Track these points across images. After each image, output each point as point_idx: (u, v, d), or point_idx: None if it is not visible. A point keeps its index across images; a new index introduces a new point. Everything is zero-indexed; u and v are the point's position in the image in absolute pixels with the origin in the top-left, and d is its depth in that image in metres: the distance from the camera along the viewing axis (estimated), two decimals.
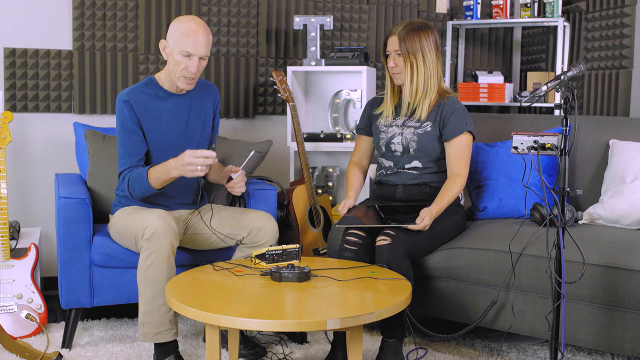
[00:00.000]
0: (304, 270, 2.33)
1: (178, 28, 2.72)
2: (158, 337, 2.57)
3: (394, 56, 2.82)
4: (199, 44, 2.70)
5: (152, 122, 2.80)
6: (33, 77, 3.66)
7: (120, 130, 2.78)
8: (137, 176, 2.71)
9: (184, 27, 2.70)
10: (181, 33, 2.70)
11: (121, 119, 2.77)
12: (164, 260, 2.54)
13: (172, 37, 2.73)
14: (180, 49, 2.69)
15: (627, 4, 3.95)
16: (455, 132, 2.81)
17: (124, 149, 2.78)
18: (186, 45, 2.69)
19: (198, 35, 2.70)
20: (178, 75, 2.75)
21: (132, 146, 2.77)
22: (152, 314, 2.55)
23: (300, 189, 3.61)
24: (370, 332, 3.08)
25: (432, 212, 2.66)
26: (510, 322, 2.68)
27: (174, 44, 2.72)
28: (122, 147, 2.78)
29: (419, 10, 4.52)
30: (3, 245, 2.95)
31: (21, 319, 2.94)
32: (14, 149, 3.60)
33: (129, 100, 2.76)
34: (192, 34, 2.69)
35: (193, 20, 2.74)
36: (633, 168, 2.87)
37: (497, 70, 4.76)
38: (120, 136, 2.78)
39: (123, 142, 2.78)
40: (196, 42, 2.69)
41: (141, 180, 2.69)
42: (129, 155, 2.77)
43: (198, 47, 2.70)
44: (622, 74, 3.95)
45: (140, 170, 2.71)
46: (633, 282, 2.42)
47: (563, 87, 2.25)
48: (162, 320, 2.56)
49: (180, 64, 2.72)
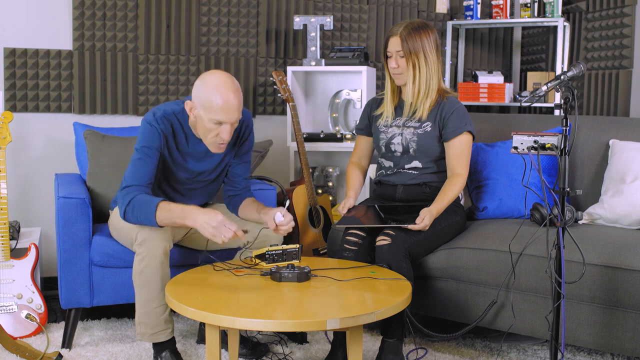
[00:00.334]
0: (304, 270, 2.33)
1: (207, 95, 2.46)
2: (154, 337, 2.58)
3: (396, 57, 2.81)
4: (232, 112, 2.47)
5: (173, 156, 2.63)
6: (33, 77, 3.66)
7: (140, 148, 2.56)
8: (144, 204, 2.46)
9: (214, 95, 2.45)
10: (211, 101, 2.45)
11: (145, 141, 2.55)
12: (157, 264, 2.51)
13: (200, 103, 2.49)
14: (211, 117, 2.47)
15: (627, 4, 3.95)
16: (455, 132, 2.81)
17: (136, 167, 2.56)
18: (217, 114, 2.46)
19: (230, 104, 2.46)
20: (209, 142, 2.55)
21: (146, 169, 2.56)
22: (147, 316, 2.56)
23: (300, 189, 3.61)
24: (370, 332, 3.08)
25: (432, 212, 2.66)
26: (510, 322, 2.68)
27: (203, 111, 2.48)
28: (135, 165, 2.56)
29: (419, 10, 4.52)
30: (3, 245, 2.95)
31: (21, 319, 2.94)
32: (14, 149, 3.60)
33: (162, 131, 2.56)
34: (223, 102, 2.45)
35: (223, 83, 2.47)
36: (633, 168, 2.87)
37: (497, 70, 4.76)
38: (138, 154, 2.56)
39: (139, 159, 2.56)
40: (229, 110, 2.46)
41: (147, 212, 2.45)
42: (139, 174, 2.55)
43: (231, 115, 2.47)
44: (622, 74, 3.95)
45: (149, 200, 2.47)
46: (633, 282, 2.42)
47: (563, 87, 2.25)
48: (157, 322, 2.56)
49: (211, 130, 2.51)
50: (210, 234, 2.37)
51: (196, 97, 2.51)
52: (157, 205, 2.44)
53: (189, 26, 3.96)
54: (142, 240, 2.51)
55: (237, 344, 2.54)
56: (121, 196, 2.54)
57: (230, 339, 2.52)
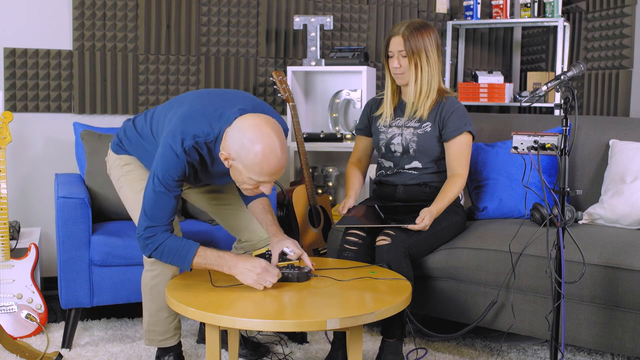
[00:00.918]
0: (304, 270, 2.33)
1: (251, 157, 2.15)
2: (163, 343, 2.58)
3: (398, 56, 2.81)
4: (278, 173, 2.21)
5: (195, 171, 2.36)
6: (33, 77, 3.66)
7: (164, 181, 2.25)
8: (179, 252, 2.28)
9: (260, 159, 2.14)
10: (255, 164, 2.16)
11: (170, 173, 2.24)
12: (170, 278, 2.48)
13: (239, 160, 2.17)
14: (252, 177, 2.19)
15: (627, 4, 3.95)
16: (455, 132, 2.81)
17: (159, 204, 2.28)
18: (261, 177, 2.18)
19: (277, 167, 2.18)
20: (244, 188, 2.29)
21: (170, 206, 2.30)
22: (157, 324, 2.56)
23: (300, 189, 3.61)
24: (370, 332, 3.08)
25: (432, 212, 2.66)
26: (510, 322, 2.68)
27: (243, 167, 2.18)
28: (159, 199, 2.27)
29: (419, 10, 4.52)
30: (3, 245, 2.95)
31: (21, 319, 2.94)
32: (14, 149, 3.60)
33: (189, 163, 2.26)
34: (270, 167, 2.17)
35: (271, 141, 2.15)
36: (633, 168, 2.87)
37: (497, 70, 4.76)
38: (161, 187, 2.26)
39: (162, 193, 2.27)
40: (273, 173, 2.19)
41: (181, 259, 2.28)
42: (164, 212, 2.29)
43: (276, 176, 2.21)
44: (622, 74, 3.95)
45: (184, 248, 2.28)
46: (633, 282, 2.42)
47: (563, 87, 2.25)
48: (167, 329, 2.56)
49: (247, 184, 2.24)
50: (252, 282, 2.22)
51: (235, 151, 2.17)
52: (194, 255, 2.28)
53: (189, 26, 3.96)
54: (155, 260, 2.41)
55: (237, 344, 2.54)
56: (145, 236, 2.29)
57: (230, 339, 2.52)
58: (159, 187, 2.27)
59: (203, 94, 2.47)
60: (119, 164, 2.62)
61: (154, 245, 2.28)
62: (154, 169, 2.29)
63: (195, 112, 2.31)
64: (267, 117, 2.23)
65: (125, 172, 2.60)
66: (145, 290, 2.54)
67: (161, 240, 2.28)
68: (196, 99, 2.42)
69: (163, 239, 2.29)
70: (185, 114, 2.31)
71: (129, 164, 2.61)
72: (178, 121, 2.29)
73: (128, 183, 2.58)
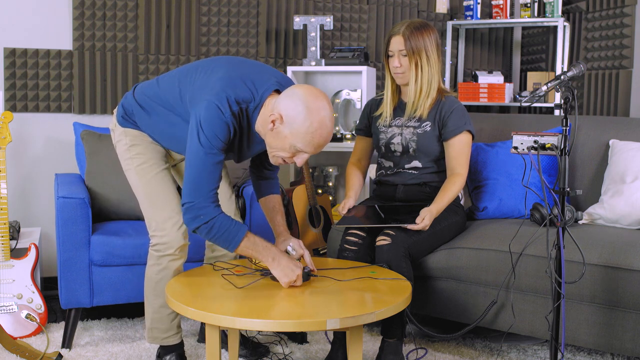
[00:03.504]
0: (304, 270, 2.33)
1: (306, 124, 2.14)
2: (166, 341, 2.58)
3: (398, 56, 2.80)
4: (321, 148, 2.21)
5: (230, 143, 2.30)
6: (33, 77, 3.66)
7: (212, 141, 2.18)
8: (228, 231, 2.23)
9: (315, 128, 2.14)
10: (307, 133, 2.15)
11: (217, 133, 2.18)
12: (175, 273, 2.50)
13: (290, 125, 2.16)
14: (297, 145, 2.18)
15: (627, 4, 3.95)
16: (454, 132, 2.81)
17: (204, 170, 2.20)
18: (307, 147, 2.18)
19: (326, 140, 2.19)
20: (274, 158, 2.28)
21: (216, 171, 2.23)
22: (160, 321, 2.56)
23: (300, 189, 3.61)
24: (370, 332, 3.08)
25: (432, 212, 2.66)
26: (510, 322, 2.68)
27: (290, 134, 2.16)
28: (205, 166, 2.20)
29: (419, 10, 4.52)
30: (3, 245, 2.95)
31: (21, 319, 2.94)
32: (14, 149, 3.60)
33: (233, 126, 2.21)
34: (321, 139, 2.17)
35: (327, 114, 2.17)
36: (633, 168, 2.87)
37: (497, 70, 4.76)
38: (208, 150, 2.18)
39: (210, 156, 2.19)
40: (321, 145, 2.19)
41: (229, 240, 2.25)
42: (209, 178, 2.21)
43: (318, 150, 2.21)
44: (622, 74, 3.95)
45: (235, 228, 2.24)
46: (633, 282, 2.42)
47: (563, 87, 2.25)
48: (169, 327, 2.57)
49: (285, 152, 2.22)
50: (288, 280, 2.24)
51: (289, 115, 2.15)
52: (244, 237, 2.25)
53: (189, 26, 3.96)
54: (163, 252, 2.45)
55: (237, 344, 2.54)
56: (197, 206, 2.20)
57: (230, 339, 2.52)
58: (209, 150, 2.17)
59: (235, 62, 2.39)
60: (125, 143, 2.51)
61: (205, 217, 2.20)
62: (196, 132, 2.18)
63: (235, 77, 2.27)
64: (320, 90, 2.23)
65: (133, 154, 2.49)
66: (149, 286, 2.54)
67: (214, 215, 2.21)
68: (231, 65, 2.35)
69: (215, 213, 2.21)
70: (226, 78, 2.25)
71: (136, 145, 2.49)
72: (221, 83, 2.23)
73: (135, 169, 2.49)
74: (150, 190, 2.46)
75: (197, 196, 2.20)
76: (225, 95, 2.20)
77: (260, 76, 2.31)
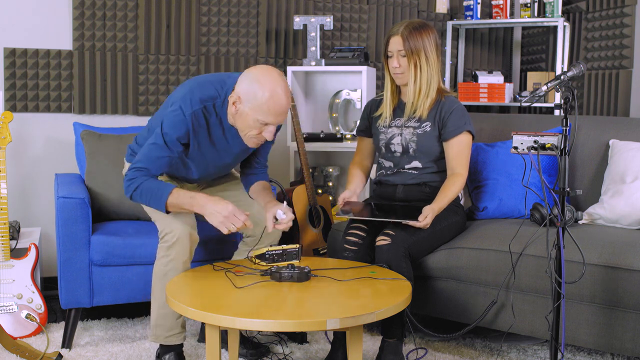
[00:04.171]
0: (304, 270, 2.33)
1: (259, 96, 2.35)
2: (169, 340, 2.59)
3: (397, 56, 2.81)
4: (282, 115, 2.39)
5: (199, 142, 2.54)
6: (33, 77, 3.66)
7: (165, 136, 2.45)
8: (154, 193, 2.43)
9: (268, 97, 2.34)
10: (264, 102, 2.35)
11: (172, 131, 2.44)
12: (182, 267, 2.54)
13: (248, 101, 2.37)
14: (258, 118, 2.38)
15: (627, 4, 3.95)
16: (454, 132, 2.81)
17: (152, 155, 2.47)
18: (267, 117, 2.37)
19: (283, 108, 2.37)
20: (248, 137, 2.47)
21: (162, 162, 2.49)
22: (165, 317, 2.57)
23: (300, 189, 3.61)
24: (370, 332, 3.08)
25: (435, 210, 2.66)
26: (510, 322, 2.68)
27: (250, 109, 2.38)
28: (153, 151, 2.46)
29: (419, 10, 4.52)
30: (3, 245, 2.95)
31: (21, 319, 2.94)
32: (14, 149, 3.60)
33: (193, 124, 2.45)
34: (277, 106, 2.36)
35: (278, 84, 2.36)
36: (633, 168, 2.87)
37: (497, 70, 4.76)
38: (160, 141, 2.45)
39: (159, 147, 2.46)
40: (280, 114, 2.37)
41: (156, 198, 2.43)
42: (154, 165, 2.48)
43: (280, 118, 2.39)
44: (622, 74, 3.95)
45: (160, 187, 2.44)
46: (633, 282, 2.42)
47: (563, 87, 2.25)
48: (173, 325, 2.58)
49: (253, 129, 2.42)
50: (218, 223, 2.39)
51: (244, 93, 2.38)
52: (168, 195, 2.43)
53: (189, 26, 3.96)
54: (172, 242, 2.51)
55: (237, 344, 2.54)
56: (128, 177, 2.46)
57: (230, 339, 2.52)
58: (159, 140, 2.45)
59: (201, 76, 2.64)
60: None
61: (133, 185, 2.44)
62: (160, 124, 2.47)
63: (201, 81, 2.53)
64: (273, 67, 2.45)
65: None
66: (156, 280, 2.57)
67: (141, 181, 2.44)
68: (197, 77, 2.61)
69: (143, 180, 2.45)
70: (193, 84, 2.51)
71: None
72: (187, 90, 2.49)
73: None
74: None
75: (135, 171, 2.46)
76: (190, 96, 2.46)
77: (228, 76, 2.55)
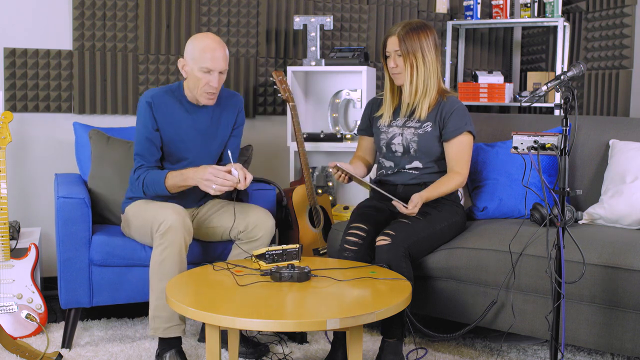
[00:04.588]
0: (304, 270, 2.33)
1: (195, 46, 2.80)
2: (167, 332, 2.60)
3: (394, 56, 2.82)
4: (218, 59, 2.77)
5: (170, 128, 2.86)
6: (33, 77, 3.66)
7: (140, 129, 2.84)
8: (154, 179, 2.77)
9: (201, 45, 2.78)
10: (199, 50, 2.77)
11: (141, 119, 2.85)
12: (177, 254, 2.60)
13: (190, 56, 2.81)
14: (200, 65, 2.76)
15: (627, 4, 3.95)
16: (455, 132, 2.81)
17: (140, 148, 2.84)
18: (205, 61, 2.76)
19: (215, 51, 2.77)
20: (200, 92, 2.82)
21: (149, 148, 2.83)
22: (163, 308, 2.59)
23: (300, 189, 3.61)
24: (370, 332, 3.08)
25: (422, 197, 2.69)
26: (510, 322, 2.68)
27: (192, 61, 2.79)
28: (139, 146, 2.85)
29: (419, 10, 4.52)
30: (3, 245, 2.95)
31: (21, 319, 2.94)
32: (14, 149, 3.60)
33: (151, 103, 2.84)
34: (209, 50, 2.76)
35: (208, 37, 2.82)
36: (633, 168, 2.87)
37: (497, 70, 4.76)
38: (139, 135, 2.85)
39: (140, 141, 2.84)
40: (214, 57, 2.76)
41: (158, 184, 2.76)
42: (144, 155, 2.83)
43: (217, 62, 2.77)
44: (622, 74, 3.95)
45: (158, 174, 2.78)
46: (633, 282, 2.42)
47: (563, 87, 2.25)
48: (172, 315, 2.59)
49: (200, 80, 2.78)
50: (204, 187, 2.65)
51: (186, 52, 2.82)
52: (165, 177, 2.75)
53: (189, 26, 3.96)
54: (165, 229, 2.60)
55: (237, 344, 2.54)
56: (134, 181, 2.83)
57: (230, 339, 2.52)
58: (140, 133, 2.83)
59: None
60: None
61: (140, 182, 2.80)
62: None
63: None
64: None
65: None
66: (153, 270, 2.61)
67: (144, 177, 2.80)
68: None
69: (144, 175, 2.79)
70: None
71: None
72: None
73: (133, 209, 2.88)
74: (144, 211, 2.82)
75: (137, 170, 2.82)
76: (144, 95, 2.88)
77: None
